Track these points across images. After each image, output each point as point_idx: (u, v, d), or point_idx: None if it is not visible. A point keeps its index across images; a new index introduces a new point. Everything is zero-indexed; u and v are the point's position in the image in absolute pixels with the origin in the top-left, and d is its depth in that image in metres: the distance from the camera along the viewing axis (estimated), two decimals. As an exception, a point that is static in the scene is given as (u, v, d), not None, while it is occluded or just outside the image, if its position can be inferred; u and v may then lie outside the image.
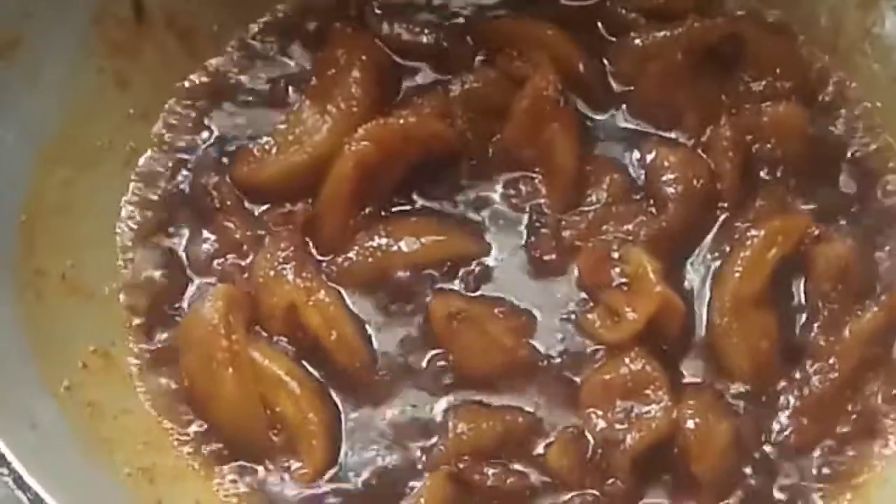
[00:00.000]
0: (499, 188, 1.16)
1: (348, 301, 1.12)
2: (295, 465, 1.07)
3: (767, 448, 1.07)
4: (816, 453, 1.07)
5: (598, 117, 1.18)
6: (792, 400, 1.08)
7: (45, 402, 1.02)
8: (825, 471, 1.07)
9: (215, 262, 1.14)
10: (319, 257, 1.14)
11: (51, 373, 1.04)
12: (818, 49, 1.19)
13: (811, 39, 1.19)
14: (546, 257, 1.13)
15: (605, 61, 1.19)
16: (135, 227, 1.16)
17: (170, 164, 1.18)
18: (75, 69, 1.14)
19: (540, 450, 1.06)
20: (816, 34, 1.19)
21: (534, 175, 1.16)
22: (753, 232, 1.11)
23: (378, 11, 1.21)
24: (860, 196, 1.15)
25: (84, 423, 1.04)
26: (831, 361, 1.08)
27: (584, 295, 1.12)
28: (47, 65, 1.11)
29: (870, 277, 1.11)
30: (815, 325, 1.10)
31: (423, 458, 1.07)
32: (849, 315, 1.10)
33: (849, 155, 1.17)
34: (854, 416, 1.08)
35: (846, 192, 1.15)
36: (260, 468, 1.07)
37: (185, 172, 1.18)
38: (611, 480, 1.05)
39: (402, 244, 1.13)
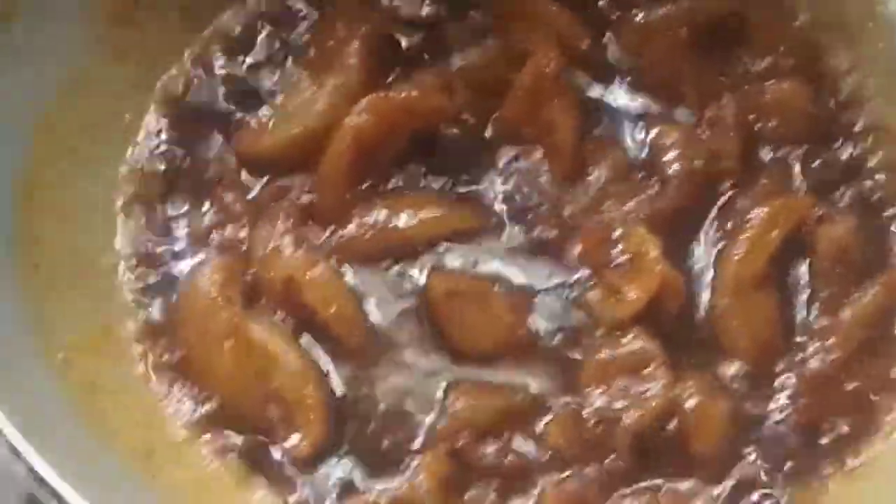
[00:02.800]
0: (499, 164, 1.15)
1: (347, 276, 1.11)
2: (292, 440, 1.06)
3: (766, 428, 1.07)
4: (816, 434, 1.07)
5: (599, 94, 1.17)
6: (792, 380, 1.08)
7: (42, 375, 1.01)
8: (825, 451, 1.07)
9: (213, 234, 1.14)
10: (318, 231, 1.13)
11: (48, 345, 1.03)
12: (822, 27, 1.18)
13: (815, 17, 1.18)
14: (546, 235, 1.12)
15: (608, 38, 1.18)
16: (133, 198, 1.15)
17: (168, 136, 1.17)
18: (74, 38, 1.13)
19: (539, 427, 1.06)
20: (820, 12, 1.18)
21: (534, 151, 1.15)
22: (756, 212, 1.10)
23: (378, -17, 1.20)
24: (863, 175, 1.14)
25: (81, 396, 1.03)
26: (831, 342, 1.08)
27: (584, 273, 1.11)
28: (46, 34, 1.10)
29: (871, 258, 1.11)
30: (816, 305, 1.10)
31: (422, 435, 1.06)
32: (849, 295, 1.09)
33: (852, 134, 1.16)
34: (855, 398, 1.08)
35: (849, 172, 1.15)
36: (258, 443, 1.06)
37: (183, 144, 1.17)
38: (609, 458, 1.04)
39: (401, 219, 1.12)
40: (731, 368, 1.08)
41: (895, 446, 1.07)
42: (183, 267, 1.13)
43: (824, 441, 1.07)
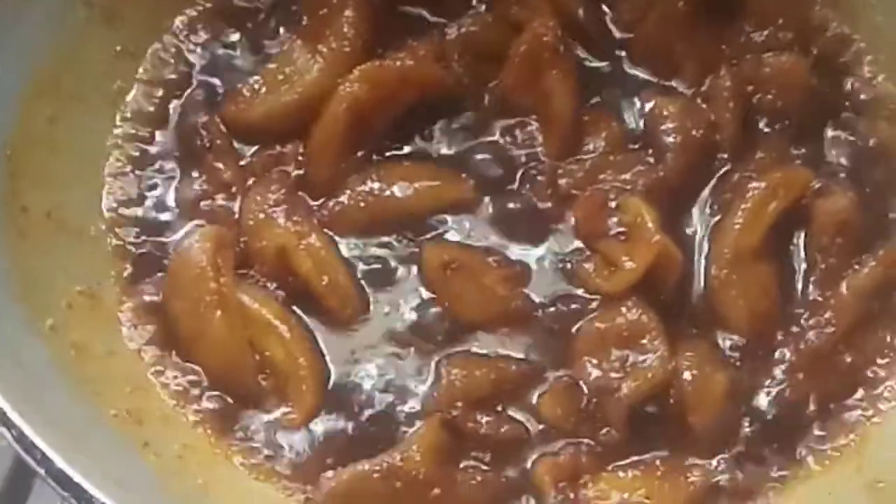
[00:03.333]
0: (495, 134, 1.15)
1: (340, 246, 1.10)
2: (284, 409, 1.05)
3: (763, 401, 1.06)
4: (812, 407, 1.06)
5: (596, 65, 1.17)
6: (788, 354, 1.07)
7: (30, 340, 1.00)
8: (821, 425, 1.06)
9: (203, 203, 1.12)
10: (310, 201, 1.11)
11: (36, 311, 1.02)
12: (821, 0, 1.17)
13: (815, -10, 1.18)
14: (542, 205, 1.12)
15: (605, 8, 1.17)
16: (122, 166, 1.14)
17: (157, 103, 1.16)
18: (63, 4, 1.11)
19: (534, 398, 1.05)
20: (820, -16, 1.18)
21: (531, 122, 1.14)
22: (754, 184, 1.09)
23: (372, -49, 1.19)
24: (861, 149, 1.14)
25: (69, 363, 1.02)
26: (828, 316, 1.07)
27: (580, 244, 1.10)
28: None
29: (869, 231, 1.10)
30: (813, 279, 1.09)
31: (416, 405, 1.05)
32: (847, 269, 1.09)
33: (850, 107, 1.15)
34: (850, 372, 1.07)
35: (847, 145, 1.14)
36: (248, 412, 1.06)
37: (173, 112, 1.16)
38: (605, 430, 1.04)
39: (395, 189, 1.11)
40: (729, 340, 1.07)
41: (892, 426, 1.06)
42: (173, 235, 1.12)
43: (820, 414, 1.06)
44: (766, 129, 1.14)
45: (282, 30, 1.18)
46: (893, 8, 1.14)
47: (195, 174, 1.13)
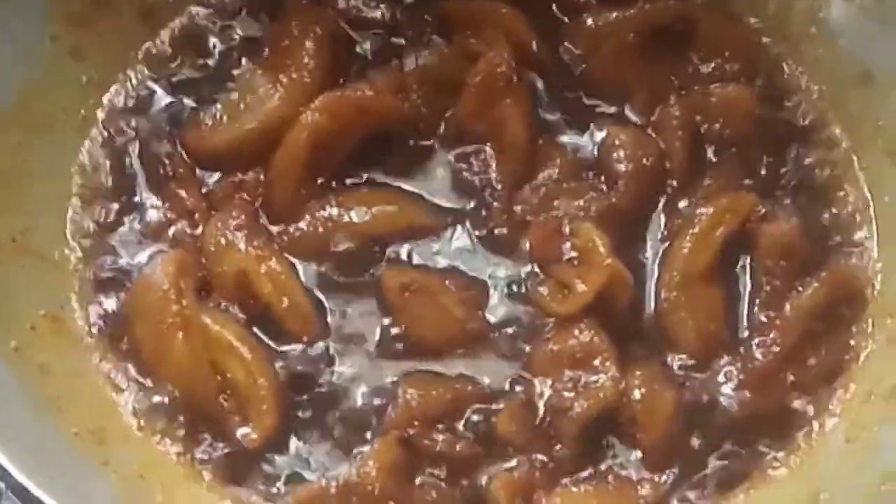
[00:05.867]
0: (451, 162, 1.17)
1: (300, 270, 1.12)
2: (244, 430, 1.07)
3: (710, 418, 1.09)
4: (757, 424, 1.09)
5: (550, 95, 1.19)
6: (735, 373, 1.10)
7: (-8, 359, 1.02)
8: (766, 441, 1.09)
9: (167, 229, 1.14)
10: (271, 227, 1.14)
11: (-1, 333, 1.04)
12: (766, 33, 1.21)
13: (760, 23, 1.21)
14: (497, 231, 1.14)
15: (559, 41, 1.20)
16: (86, 193, 1.15)
17: (122, 132, 1.18)
18: (30, 35, 1.14)
19: (489, 417, 1.07)
20: (765, 18, 1.21)
21: (486, 149, 1.17)
22: (702, 210, 1.12)
23: (334, -16, 1.22)
24: (804, 176, 1.17)
25: (32, 383, 1.03)
26: (773, 336, 1.10)
27: (534, 268, 1.13)
28: (1, 30, 1.11)
29: (813, 255, 1.14)
30: (759, 301, 1.12)
31: (373, 424, 1.07)
32: (791, 291, 1.12)
33: (794, 136, 1.19)
34: (794, 390, 1.10)
35: (791, 173, 1.17)
36: (209, 433, 1.07)
37: (137, 140, 1.18)
38: (558, 447, 1.06)
39: (353, 214, 1.13)
40: (678, 360, 1.10)
41: (835, 441, 1.09)
42: (136, 260, 1.13)
43: (765, 431, 1.09)
44: (714, 157, 1.17)
45: (244, 60, 1.20)
46: (833, 41, 1.18)
47: (158, 201, 1.15)
